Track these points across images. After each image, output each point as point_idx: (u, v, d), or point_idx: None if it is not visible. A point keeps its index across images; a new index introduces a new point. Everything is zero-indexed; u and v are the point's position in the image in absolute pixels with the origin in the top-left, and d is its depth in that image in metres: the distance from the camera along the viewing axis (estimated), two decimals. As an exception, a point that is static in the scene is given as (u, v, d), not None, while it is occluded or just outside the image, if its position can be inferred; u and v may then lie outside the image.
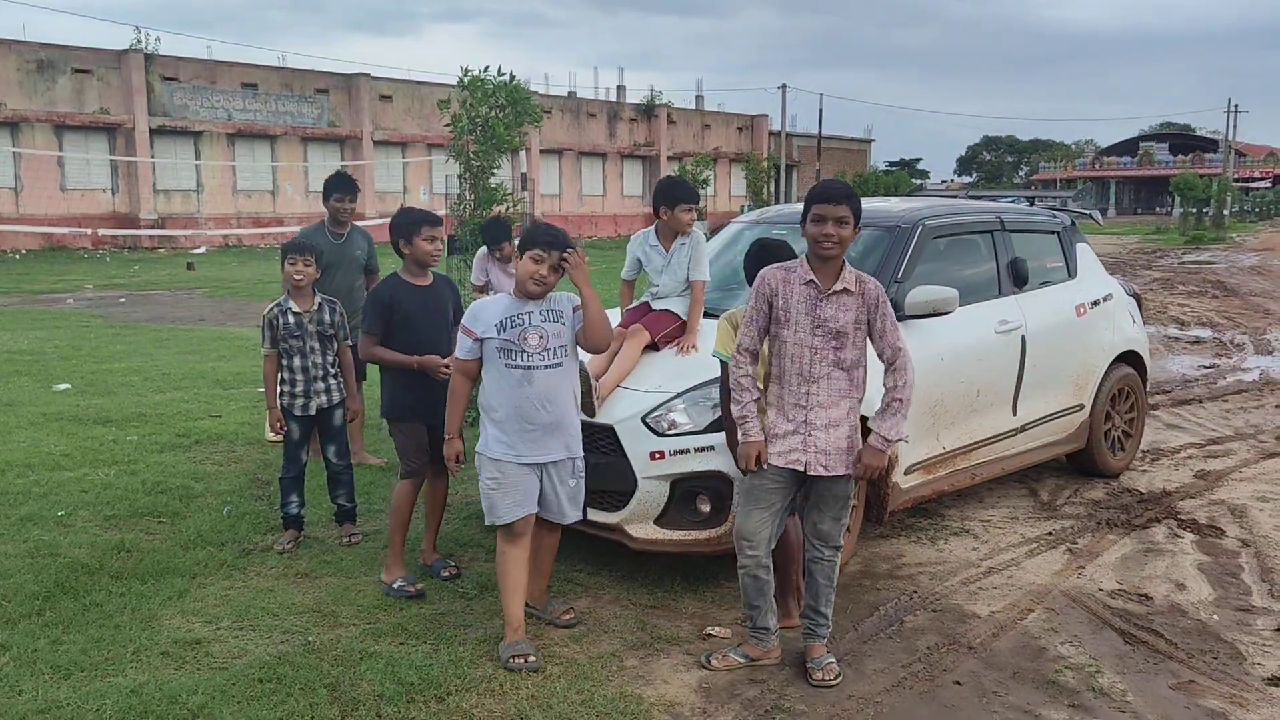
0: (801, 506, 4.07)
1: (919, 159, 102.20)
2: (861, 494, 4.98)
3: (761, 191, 45.48)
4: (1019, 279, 6.05)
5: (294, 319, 5.17)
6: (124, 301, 17.67)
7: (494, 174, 8.47)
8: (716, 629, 4.33)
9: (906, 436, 3.92)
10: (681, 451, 4.56)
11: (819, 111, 54.05)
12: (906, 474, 5.20)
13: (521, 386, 3.96)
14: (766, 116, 57.79)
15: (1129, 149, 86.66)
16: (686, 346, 5.03)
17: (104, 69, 33.91)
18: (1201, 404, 9.18)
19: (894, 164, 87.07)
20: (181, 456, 6.88)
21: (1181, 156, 77.06)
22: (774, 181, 49.65)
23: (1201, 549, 5.43)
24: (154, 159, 34.24)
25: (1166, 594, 4.83)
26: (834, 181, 3.96)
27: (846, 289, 3.79)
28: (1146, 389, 7.14)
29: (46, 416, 7.98)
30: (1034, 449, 6.17)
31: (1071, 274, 6.59)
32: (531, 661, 3.91)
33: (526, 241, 3.98)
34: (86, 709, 3.55)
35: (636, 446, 4.60)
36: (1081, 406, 6.41)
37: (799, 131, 59.50)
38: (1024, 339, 5.86)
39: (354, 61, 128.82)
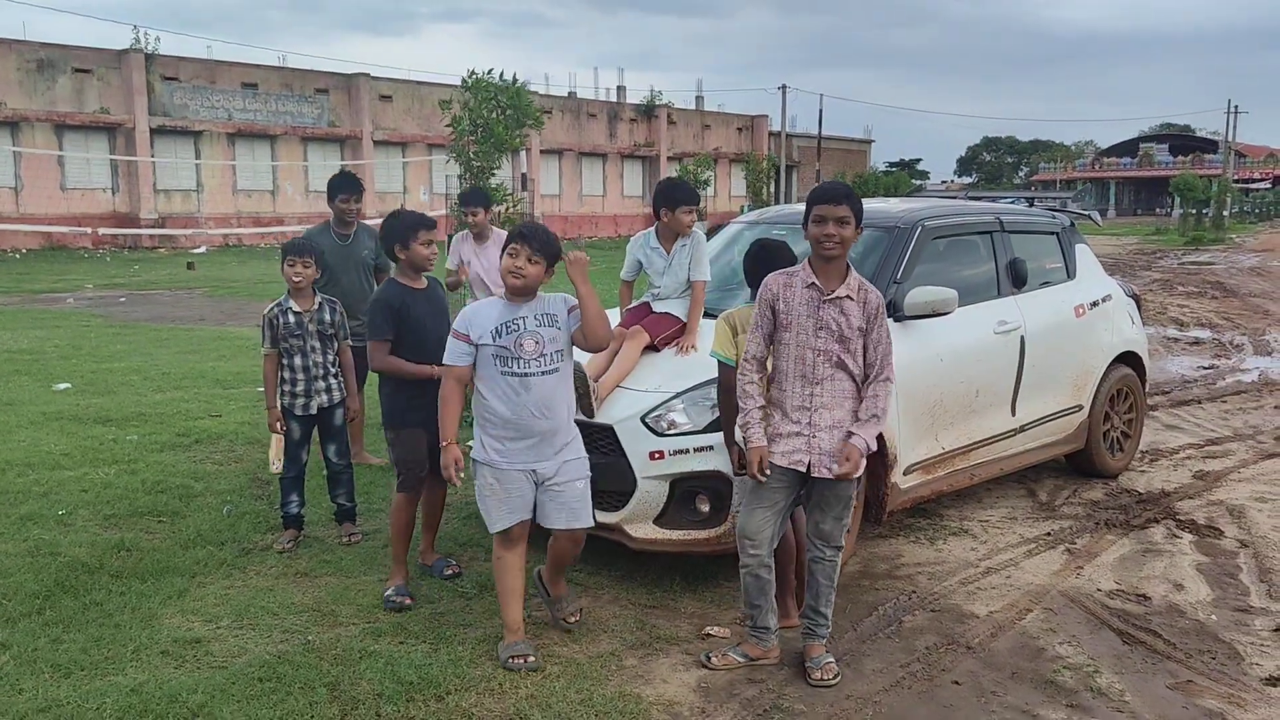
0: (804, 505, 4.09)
1: (919, 159, 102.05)
2: (861, 494, 4.99)
3: (761, 192, 45.54)
4: (1018, 280, 6.06)
5: (294, 318, 5.18)
6: (124, 301, 17.68)
7: (494, 174, 8.50)
8: (716, 629, 4.33)
9: (874, 448, 3.93)
10: (681, 451, 4.57)
11: (819, 112, 53.97)
12: (905, 474, 5.21)
13: (519, 394, 3.89)
14: (766, 117, 57.83)
15: (1129, 150, 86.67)
16: (686, 347, 5.04)
17: (104, 69, 33.93)
18: (1200, 405, 9.19)
19: (894, 164, 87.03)
20: (181, 456, 6.89)
21: (1181, 157, 77.06)
22: (774, 182, 49.69)
23: (1200, 549, 5.44)
24: (154, 159, 34.26)
25: (1165, 594, 4.83)
26: (834, 182, 3.98)
27: (849, 295, 3.80)
28: (1145, 390, 7.14)
29: (47, 416, 7.99)
30: (1033, 449, 6.18)
31: (1071, 275, 6.60)
32: (531, 662, 3.92)
33: (505, 240, 3.97)
34: (87, 708, 3.56)
35: (636, 446, 4.60)
36: (1080, 407, 6.41)
37: (799, 132, 59.53)
38: (1023, 339, 5.87)
39: (354, 61, 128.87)
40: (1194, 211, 48.86)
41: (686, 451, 4.56)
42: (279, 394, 5.21)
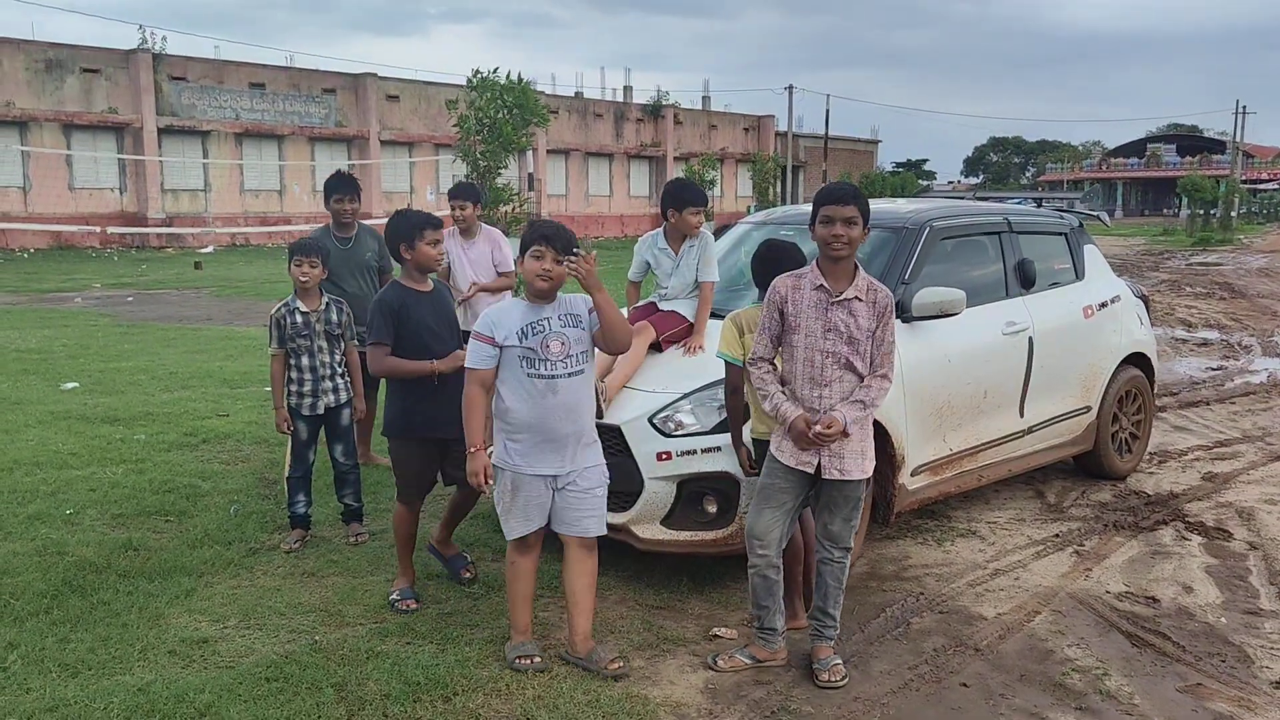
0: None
1: (925, 160, 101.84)
2: (868, 495, 4.97)
3: (767, 192, 45.44)
4: (1026, 280, 6.04)
5: (301, 318, 5.18)
6: (131, 300, 17.71)
7: (501, 174, 8.50)
8: (723, 630, 4.33)
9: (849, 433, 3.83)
10: (688, 452, 4.56)
11: (825, 112, 54.05)
12: (913, 475, 5.19)
13: (545, 397, 3.80)
14: (773, 117, 57.76)
15: (1136, 150, 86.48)
16: (694, 347, 5.03)
17: (112, 68, 34.00)
18: (1209, 406, 9.15)
19: (900, 165, 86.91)
20: (189, 455, 6.90)
21: (1189, 158, 76.81)
22: (780, 182, 49.63)
23: (1209, 552, 5.42)
24: (162, 158, 34.33)
25: (1174, 597, 4.82)
26: (842, 182, 3.97)
27: (858, 297, 3.79)
28: (1154, 391, 7.12)
29: (54, 415, 8.01)
30: (1041, 451, 6.16)
31: (1079, 275, 6.58)
32: (537, 663, 3.91)
33: (524, 242, 3.85)
34: (94, 707, 3.56)
35: (643, 447, 4.59)
36: (1089, 408, 6.39)
37: (805, 132, 59.46)
38: (1031, 340, 5.85)
39: (360, 61, 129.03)
40: (1202, 212, 48.69)
41: (694, 452, 4.55)
42: (286, 394, 5.22)
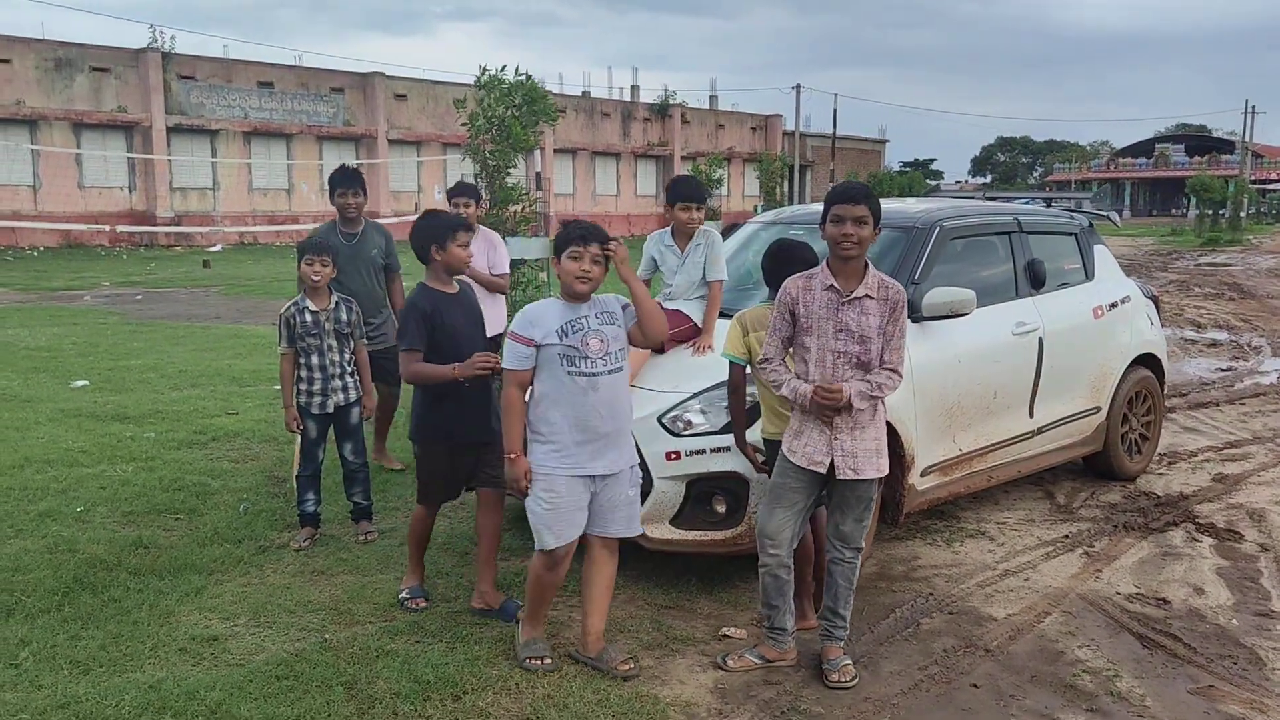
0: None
1: (933, 159, 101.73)
2: (877, 496, 4.96)
3: (775, 191, 45.37)
4: (1036, 281, 6.02)
5: (311, 317, 5.19)
6: (141, 299, 17.76)
7: (509, 173, 8.50)
8: (732, 630, 4.32)
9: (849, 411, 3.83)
10: (697, 452, 4.56)
11: (833, 112, 53.80)
12: (923, 476, 5.18)
13: (586, 395, 3.74)
14: (780, 116, 57.71)
15: (1144, 150, 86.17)
16: (702, 347, 5.03)
17: (121, 67, 34.13)
18: (1219, 407, 9.12)
19: (908, 164, 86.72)
20: (198, 453, 6.92)
21: (1197, 158, 76.46)
22: (788, 181, 49.53)
23: (1220, 553, 5.40)
24: (171, 157, 34.46)
25: (1185, 598, 4.80)
26: (852, 182, 3.96)
27: (869, 295, 3.78)
28: (1164, 392, 7.09)
29: (65, 413, 8.03)
30: (1051, 451, 6.14)
31: (1089, 276, 6.56)
32: (547, 662, 3.91)
33: (560, 243, 3.79)
34: (105, 704, 3.57)
35: (652, 446, 4.58)
36: (1099, 409, 6.37)
37: (813, 132, 59.38)
38: (1041, 341, 5.83)
39: (368, 60, 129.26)
40: (1210, 212, 48.44)
41: (703, 452, 4.55)
42: (296, 393, 5.23)
